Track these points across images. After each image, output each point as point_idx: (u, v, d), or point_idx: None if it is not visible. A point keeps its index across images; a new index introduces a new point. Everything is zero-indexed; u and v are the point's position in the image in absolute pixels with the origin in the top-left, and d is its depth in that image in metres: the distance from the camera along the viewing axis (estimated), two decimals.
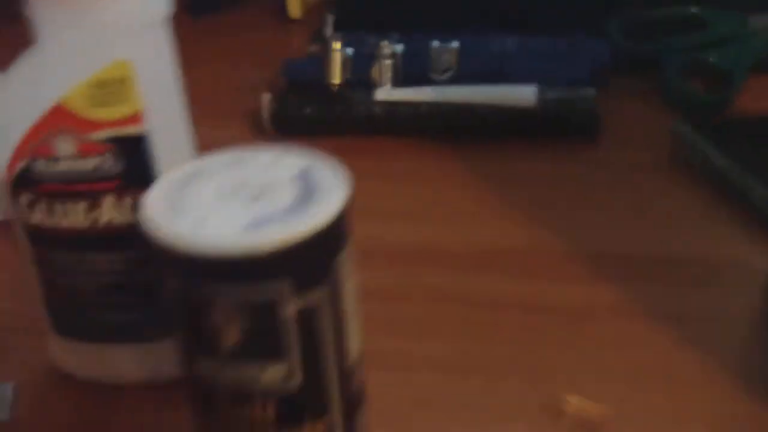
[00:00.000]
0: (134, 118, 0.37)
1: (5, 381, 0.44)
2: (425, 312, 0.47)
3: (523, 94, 0.62)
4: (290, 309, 0.29)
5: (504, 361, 0.43)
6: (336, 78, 0.64)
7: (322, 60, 0.64)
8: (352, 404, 0.33)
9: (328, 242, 0.30)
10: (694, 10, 0.69)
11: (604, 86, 0.63)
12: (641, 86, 0.66)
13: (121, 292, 0.41)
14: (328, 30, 0.69)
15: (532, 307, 0.47)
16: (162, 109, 0.38)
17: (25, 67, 0.36)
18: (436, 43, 0.66)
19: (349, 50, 0.64)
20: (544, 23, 0.70)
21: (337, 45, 0.64)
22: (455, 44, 0.66)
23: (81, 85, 0.36)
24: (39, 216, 0.39)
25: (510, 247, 0.52)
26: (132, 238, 0.39)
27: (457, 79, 0.65)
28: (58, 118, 0.36)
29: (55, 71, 0.36)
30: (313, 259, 0.29)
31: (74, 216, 0.39)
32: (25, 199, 0.39)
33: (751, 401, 0.40)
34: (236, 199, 0.30)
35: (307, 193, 0.30)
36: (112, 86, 0.36)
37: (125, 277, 0.41)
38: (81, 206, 0.39)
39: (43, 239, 0.40)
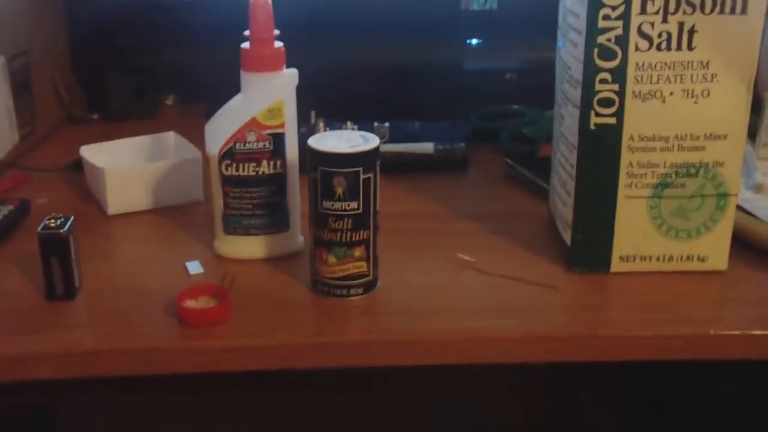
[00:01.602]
0: (281, 125, 0.89)
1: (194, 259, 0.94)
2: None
3: (426, 148, 1.18)
4: (361, 178, 0.81)
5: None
6: None
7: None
8: (377, 227, 0.85)
9: (374, 154, 0.82)
10: (516, 106, 1.27)
11: (468, 144, 1.20)
12: (486, 146, 1.22)
13: (260, 208, 0.92)
14: (313, 117, 1.23)
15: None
16: (290, 124, 0.90)
17: (238, 100, 0.88)
18: (377, 123, 1.21)
19: (327, 128, 1.19)
20: (437, 113, 1.27)
21: (321, 124, 1.19)
22: (387, 124, 1.21)
23: (263, 110, 0.88)
24: (230, 170, 0.90)
25: (418, 210, 1.06)
26: (269, 181, 0.90)
27: (388, 142, 1.19)
28: (251, 124, 0.88)
29: (252, 103, 0.88)
30: (370, 159, 0.82)
31: (247, 170, 0.90)
32: (224, 162, 0.90)
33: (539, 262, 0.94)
34: (342, 140, 0.82)
35: (365, 140, 0.83)
36: (275, 111, 0.88)
37: (263, 200, 0.91)
38: (251, 165, 0.90)
39: (229, 182, 0.91)
